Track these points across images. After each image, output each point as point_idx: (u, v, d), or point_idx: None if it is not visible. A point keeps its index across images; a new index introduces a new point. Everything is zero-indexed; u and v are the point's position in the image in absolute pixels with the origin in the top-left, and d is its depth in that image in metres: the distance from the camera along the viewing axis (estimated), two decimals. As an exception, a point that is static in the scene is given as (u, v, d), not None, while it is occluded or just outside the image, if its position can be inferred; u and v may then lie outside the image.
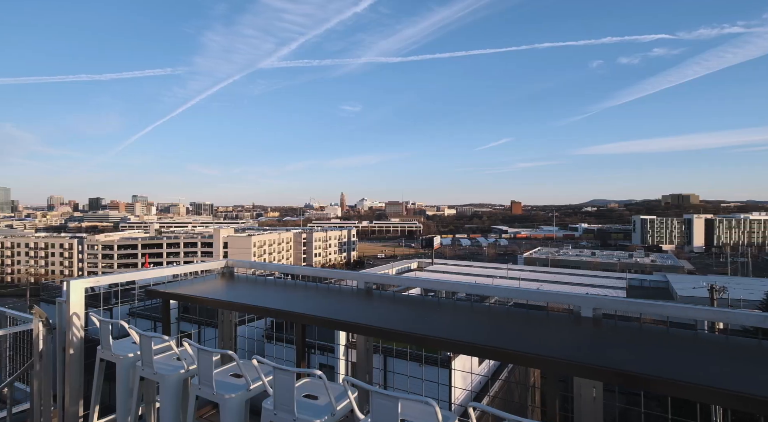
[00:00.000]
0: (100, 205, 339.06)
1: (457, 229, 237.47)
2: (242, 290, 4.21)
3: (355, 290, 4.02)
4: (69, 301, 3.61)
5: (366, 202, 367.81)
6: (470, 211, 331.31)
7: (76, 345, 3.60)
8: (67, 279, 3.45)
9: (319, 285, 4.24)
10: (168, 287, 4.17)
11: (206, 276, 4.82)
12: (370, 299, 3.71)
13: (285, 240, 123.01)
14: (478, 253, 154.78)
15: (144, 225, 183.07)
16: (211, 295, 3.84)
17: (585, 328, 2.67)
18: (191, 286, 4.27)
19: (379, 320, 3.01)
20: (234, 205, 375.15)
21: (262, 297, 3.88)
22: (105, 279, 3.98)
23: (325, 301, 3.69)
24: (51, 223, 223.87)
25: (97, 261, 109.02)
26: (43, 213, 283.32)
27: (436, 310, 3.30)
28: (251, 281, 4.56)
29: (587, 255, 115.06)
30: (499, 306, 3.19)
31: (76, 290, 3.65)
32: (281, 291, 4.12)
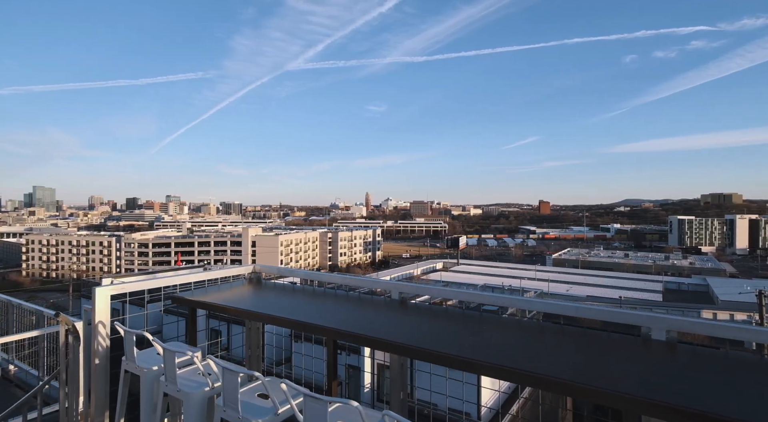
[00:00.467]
0: (136, 204, 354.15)
1: (483, 229, 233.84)
2: (270, 298, 4.05)
3: (388, 301, 3.76)
4: (94, 309, 3.52)
5: (391, 201, 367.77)
6: (496, 211, 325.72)
7: (102, 355, 3.50)
8: (93, 286, 3.35)
9: (350, 295, 4.00)
10: (194, 294, 4.04)
11: (233, 281, 4.65)
12: (405, 311, 3.44)
13: (311, 239, 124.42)
14: (505, 254, 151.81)
15: (177, 224, 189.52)
16: (238, 304, 3.68)
17: (656, 354, 2.31)
18: (218, 293, 4.15)
19: (417, 336, 2.74)
20: (262, 205, 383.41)
21: (290, 307, 3.71)
22: (130, 287, 3.87)
23: (357, 313, 3.46)
24: (92, 222, 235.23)
25: (134, 258, 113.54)
26: (84, 212, 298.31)
27: (478, 325, 3.00)
28: (279, 288, 4.38)
29: (620, 257, 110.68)
30: (550, 324, 2.85)
31: (101, 298, 3.55)
32: (309, 300, 3.92)
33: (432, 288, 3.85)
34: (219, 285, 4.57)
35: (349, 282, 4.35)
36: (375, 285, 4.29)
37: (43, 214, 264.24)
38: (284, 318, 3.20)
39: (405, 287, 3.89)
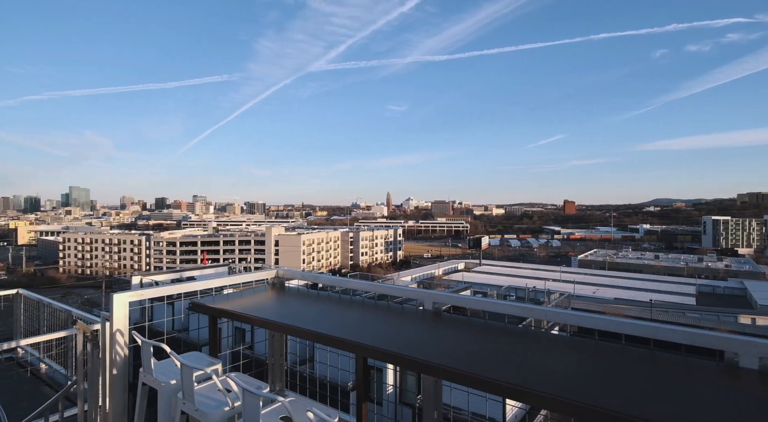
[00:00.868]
0: (165, 204, 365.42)
1: (506, 229, 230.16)
2: (293, 305, 3.86)
3: (420, 311, 3.45)
4: (112, 317, 3.33)
5: (412, 201, 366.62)
6: (520, 211, 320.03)
7: (120, 365, 3.35)
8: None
9: (378, 304, 3.73)
10: (216, 301, 3.86)
11: (256, 287, 4.47)
12: (439, 324, 3.14)
13: (333, 239, 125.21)
14: (529, 254, 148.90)
15: (203, 223, 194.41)
16: (260, 313, 3.50)
17: (748, 386, 1.94)
18: (240, 300, 3.97)
19: (455, 356, 2.43)
20: (285, 205, 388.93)
21: (315, 317, 3.50)
22: (150, 293, 3.69)
23: (387, 325, 3.19)
24: (123, 221, 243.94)
25: (162, 256, 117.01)
26: (116, 211, 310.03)
27: (523, 342, 2.68)
28: (303, 294, 4.20)
29: (650, 259, 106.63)
30: (608, 344, 2.49)
31: (119, 305, 3.38)
32: (336, 308, 3.69)
33: (470, 299, 3.48)
34: (241, 290, 4.38)
35: (378, 289, 4.07)
36: (406, 293, 3.95)
37: (78, 214, 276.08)
38: (310, 330, 2.99)
39: (439, 296, 3.58)
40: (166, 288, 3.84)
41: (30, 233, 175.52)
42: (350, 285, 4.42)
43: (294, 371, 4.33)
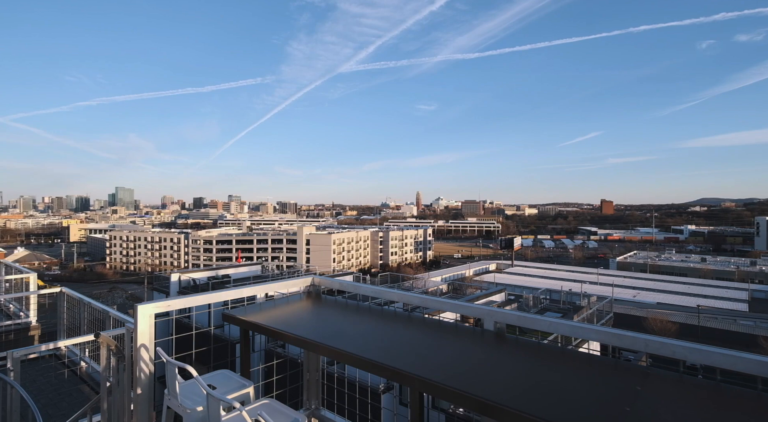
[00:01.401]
0: (202, 203, 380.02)
1: (539, 230, 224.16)
2: (332, 321, 3.53)
3: (480, 332, 3.02)
4: (137, 330, 3.09)
5: (442, 200, 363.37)
6: (554, 211, 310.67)
7: (144, 384, 3.10)
8: (135, 304, 3.06)
9: (427, 320, 3.36)
10: (247, 312, 3.60)
11: (290, 296, 4.19)
12: (504, 349, 2.70)
13: (362, 238, 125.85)
14: (563, 256, 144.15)
15: (237, 222, 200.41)
16: (296, 329, 3.19)
17: None
18: (273, 310, 3.72)
19: (530, 397, 1.95)
20: (315, 204, 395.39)
21: (358, 337, 3.11)
22: (177, 303, 3.38)
23: (442, 349, 2.76)
24: (164, 220, 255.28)
25: (200, 254, 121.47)
26: (158, 211, 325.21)
27: (628, 382, 2.11)
28: (341, 305, 3.88)
29: (696, 262, 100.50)
30: (724, 386, 2.00)
31: (144, 317, 3.13)
32: (379, 325, 3.32)
33: (543, 320, 2.86)
34: (275, 299, 4.12)
35: (429, 303, 3.59)
36: (461, 310, 3.40)
37: (123, 213, 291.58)
38: (355, 355, 2.62)
39: (504, 315, 3.02)
40: (195, 298, 3.52)
41: (81, 231, 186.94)
42: (394, 298, 3.95)
43: (329, 373, 4.12)
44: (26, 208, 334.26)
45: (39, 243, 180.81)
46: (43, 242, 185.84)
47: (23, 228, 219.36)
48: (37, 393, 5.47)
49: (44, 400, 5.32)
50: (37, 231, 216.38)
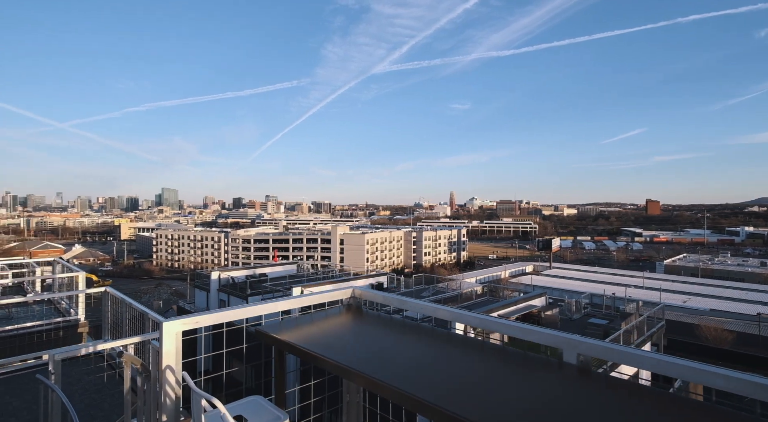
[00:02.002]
0: (241, 203, 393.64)
1: (579, 231, 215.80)
2: (377, 342, 3.14)
3: (557, 364, 2.53)
4: (162, 348, 2.80)
5: (476, 200, 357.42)
6: (594, 211, 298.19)
7: (170, 410, 2.81)
8: (161, 319, 2.87)
9: (486, 344, 2.99)
10: (281, 328, 3.32)
11: (329, 310, 3.90)
12: (591, 388, 2.30)
13: (396, 238, 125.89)
14: (605, 258, 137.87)
15: (274, 222, 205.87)
16: (336, 353, 2.83)
17: None
18: (310, 326, 3.45)
19: None
20: (349, 204, 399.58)
21: (409, 365, 2.63)
22: (206, 319, 3.06)
23: (515, 386, 2.33)
24: (205, 219, 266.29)
25: (238, 252, 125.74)
26: (200, 210, 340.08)
27: None
28: (386, 323, 3.52)
29: (754, 266, 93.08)
30: None
31: (169, 335, 2.81)
32: (431, 350, 2.90)
33: (642, 355, 2.31)
34: (312, 313, 3.81)
35: (491, 326, 3.03)
36: (534, 336, 2.73)
37: (168, 212, 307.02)
38: (403, 392, 2.16)
39: (591, 347, 2.41)
40: (226, 313, 3.20)
41: (130, 229, 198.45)
42: (446, 316, 3.40)
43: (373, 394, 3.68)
44: (83, 208, 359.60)
45: (94, 241, 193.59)
46: (98, 240, 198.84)
47: (80, 227, 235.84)
48: (81, 393, 5.56)
49: (87, 400, 5.38)
50: (92, 229, 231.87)
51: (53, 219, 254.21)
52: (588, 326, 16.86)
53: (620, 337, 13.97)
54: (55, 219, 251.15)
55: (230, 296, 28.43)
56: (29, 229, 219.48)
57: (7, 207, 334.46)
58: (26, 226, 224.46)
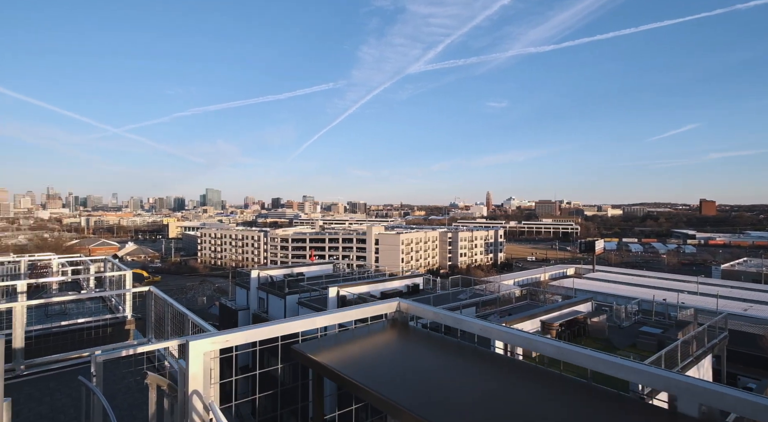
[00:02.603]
0: (279, 203, 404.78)
1: (625, 232, 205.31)
2: (424, 367, 2.72)
3: (665, 414, 2.02)
4: (188, 370, 2.55)
5: (514, 200, 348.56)
6: (641, 211, 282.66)
7: None
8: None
9: (566, 379, 2.49)
10: (320, 347, 3.02)
11: (372, 325, 3.51)
12: None
13: (431, 239, 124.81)
14: (654, 261, 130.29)
15: (311, 221, 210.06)
16: (377, 383, 2.47)
17: None
18: (350, 346, 3.08)
19: None
20: (384, 204, 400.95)
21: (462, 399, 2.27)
22: (237, 337, 2.73)
23: None
24: (246, 219, 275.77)
25: (277, 251, 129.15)
26: (241, 210, 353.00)
27: None
28: (436, 342, 3.08)
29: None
30: None
31: (197, 356, 2.52)
32: (493, 382, 2.47)
33: None
34: (354, 330, 3.45)
35: (573, 357, 2.38)
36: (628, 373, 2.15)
37: (212, 212, 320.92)
38: None
39: (715, 395, 1.84)
40: (259, 331, 2.85)
41: (177, 228, 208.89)
42: (510, 340, 2.81)
43: None
44: (135, 208, 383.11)
45: (145, 239, 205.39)
46: (148, 238, 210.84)
47: (132, 225, 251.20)
48: (124, 392, 5.62)
49: (130, 400, 5.44)
50: (143, 228, 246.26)
51: (109, 218, 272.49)
52: (639, 335, 15.73)
53: (678, 349, 12.89)
54: (111, 219, 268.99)
55: (269, 294, 29.05)
56: (88, 227, 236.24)
57: (69, 207, 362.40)
58: (86, 225, 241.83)
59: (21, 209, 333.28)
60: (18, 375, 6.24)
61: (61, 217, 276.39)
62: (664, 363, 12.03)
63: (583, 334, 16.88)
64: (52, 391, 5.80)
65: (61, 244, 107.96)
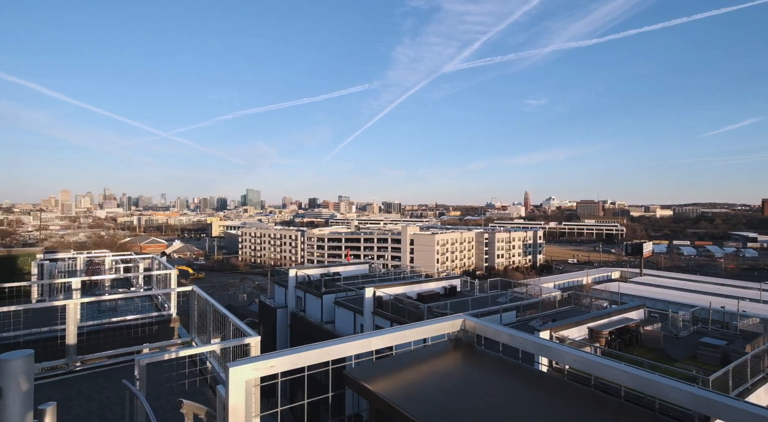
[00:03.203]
0: (315, 203, 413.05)
1: (675, 234, 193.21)
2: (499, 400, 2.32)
3: None
4: (228, 400, 2.28)
5: (553, 201, 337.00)
6: (694, 212, 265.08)
7: None
8: (228, 364, 2.28)
9: None
10: (375, 373, 2.65)
11: (432, 346, 3.08)
12: None
13: (467, 239, 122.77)
14: (710, 265, 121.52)
15: (346, 221, 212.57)
16: None
17: None
18: (408, 372, 2.66)
19: None
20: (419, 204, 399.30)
21: None
22: (282, 362, 2.44)
23: None
24: (284, 219, 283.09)
25: (313, 250, 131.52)
26: (279, 210, 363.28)
27: None
28: (512, 371, 2.59)
29: None
30: None
31: (237, 384, 2.27)
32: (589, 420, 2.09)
33: None
34: (412, 351, 3.01)
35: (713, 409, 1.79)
36: None
37: (252, 212, 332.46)
38: None
39: None
40: (306, 354, 2.52)
41: (219, 227, 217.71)
42: (626, 381, 2.16)
43: None
44: (181, 207, 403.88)
45: (190, 237, 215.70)
46: (193, 236, 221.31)
47: (179, 224, 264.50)
48: (168, 394, 5.65)
49: (173, 401, 5.40)
50: (188, 226, 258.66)
51: (158, 217, 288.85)
52: (700, 347, 14.40)
53: (747, 363, 11.66)
54: (160, 218, 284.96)
55: (306, 293, 29.47)
56: (140, 226, 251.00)
57: (123, 206, 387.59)
58: (138, 223, 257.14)
59: (81, 208, 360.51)
60: (71, 371, 6.52)
61: (116, 216, 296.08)
62: (732, 380, 10.95)
63: (636, 344, 15.76)
64: (101, 388, 5.97)
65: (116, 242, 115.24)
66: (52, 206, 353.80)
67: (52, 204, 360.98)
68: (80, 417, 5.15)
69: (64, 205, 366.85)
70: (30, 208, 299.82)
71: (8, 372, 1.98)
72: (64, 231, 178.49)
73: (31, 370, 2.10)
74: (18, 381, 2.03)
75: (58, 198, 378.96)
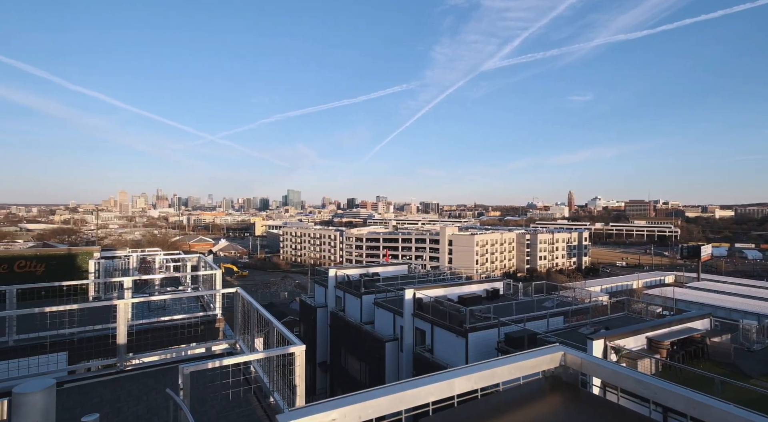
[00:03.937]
0: (354, 204, 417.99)
1: (738, 236, 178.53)
2: None
3: None
4: None
5: (599, 201, 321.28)
6: (760, 213, 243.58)
7: None
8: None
9: None
10: None
11: (525, 386, 2.54)
12: None
13: (507, 240, 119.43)
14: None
15: (384, 221, 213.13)
16: None
17: None
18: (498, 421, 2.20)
19: None
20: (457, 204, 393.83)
21: None
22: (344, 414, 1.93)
23: None
24: (323, 218, 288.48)
25: (352, 250, 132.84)
26: (318, 210, 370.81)
27: None
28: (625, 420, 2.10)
29: None
30: None
31: None
32: None
33: None
34: (501, 393, 2.51)
35: None
36: None
37: (293, 212, 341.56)
38: None
39: None
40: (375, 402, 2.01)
41: (262, 227, 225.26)
42: None
43: None
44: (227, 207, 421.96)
45: (234, 236, 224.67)
46: (237, 235, 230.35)
47: (224, 224, 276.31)
48: (212, 400, 5.60)
49: (218, 407, 5.42)
50: (233, 226, 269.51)
51: (205, 216, 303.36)
52: (779, 363, 12.89)
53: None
54: (207, 217, 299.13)
55: (346, 293, 29.56)
56: (189, 225, 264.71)
57: (174, 206, 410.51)
58: (187, 223, 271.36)
59: (137, 208, 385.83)
60: (121, 371, 6.68)
61: (168, 216, 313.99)
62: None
63: (702, 357, 14.39)
64: (149, 389, 6.04)
65: (167, 240, 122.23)
66: (111, 206, 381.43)
67: (111, 204, 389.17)
68: (129, 419, 5.19)
69: (121, 205, 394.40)
70: (92, 208, 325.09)
71: (25, 409, 1.73)
72: (121, 229, 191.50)
73: (52, 405, 1.90)
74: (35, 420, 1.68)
75: (116, 198, 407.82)
